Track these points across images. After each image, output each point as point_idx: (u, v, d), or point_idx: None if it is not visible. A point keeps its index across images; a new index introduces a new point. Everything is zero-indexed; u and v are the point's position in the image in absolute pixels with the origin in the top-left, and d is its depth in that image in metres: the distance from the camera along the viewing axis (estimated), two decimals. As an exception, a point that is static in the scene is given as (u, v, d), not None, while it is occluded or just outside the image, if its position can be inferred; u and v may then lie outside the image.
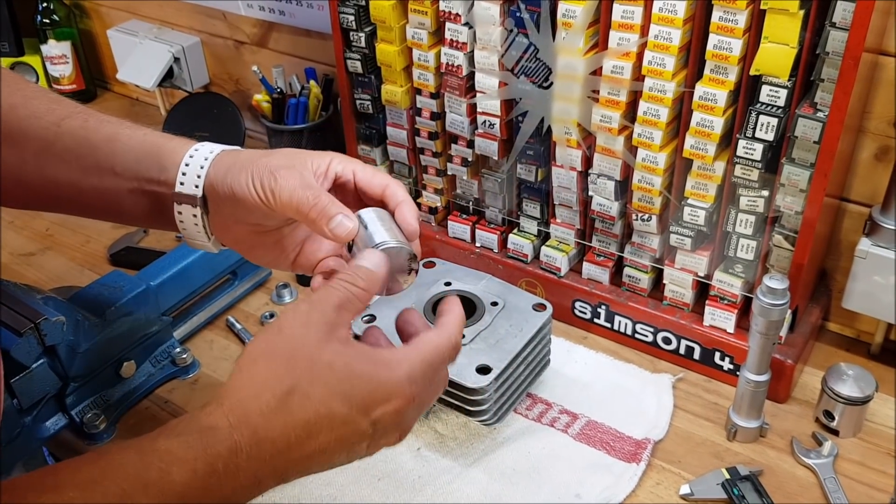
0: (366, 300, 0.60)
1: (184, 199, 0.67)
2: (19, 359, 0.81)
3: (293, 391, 0.54)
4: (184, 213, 0.68)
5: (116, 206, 0.70)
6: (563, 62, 0.90)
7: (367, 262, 0.61)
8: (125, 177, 0.68)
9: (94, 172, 0.69)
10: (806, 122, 0.81)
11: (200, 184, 0.66)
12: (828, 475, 0.84)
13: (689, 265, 0.95)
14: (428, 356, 0.60)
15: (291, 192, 0.63)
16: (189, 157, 0.67)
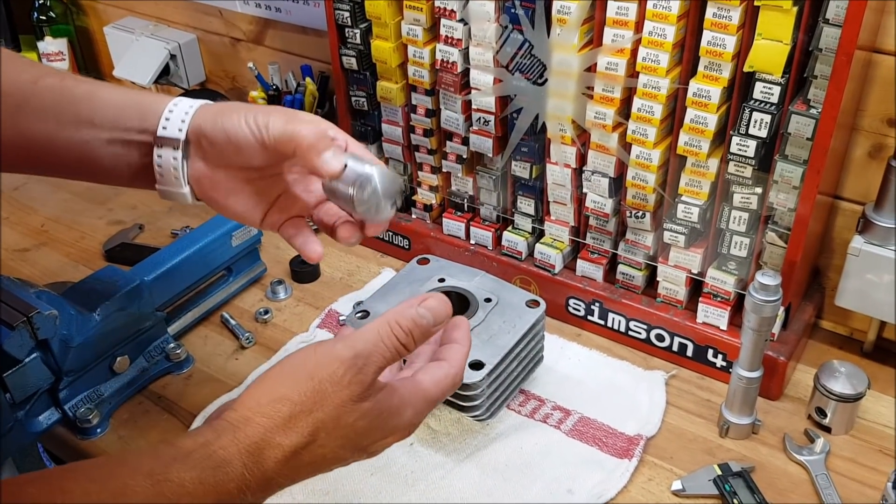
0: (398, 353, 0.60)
1: (165, 143, 0.68)
2: (12, 352, 0.81)
3: (311, 444, 0.56)
4: (163, 156, 0.68)
5: (92, 159, 0.70)
6: (557, 59, 0.90)
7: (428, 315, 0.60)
8: (104, 127, 0.69)
9: (71, 125, 0.69)
10: (799, 119, 0.81)
11: (184, 128, 0.68)
12: (819, 472, 0.84)
13: (682, 262, 0.95)
14: (432, 397, 0.62)
15: (286, 122, 0.65)
16: (173, 105, 0.69)
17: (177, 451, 0.53)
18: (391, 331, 0.58)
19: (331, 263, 1.17)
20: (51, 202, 1.34)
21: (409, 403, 0.60)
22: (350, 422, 0.56)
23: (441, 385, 0.62)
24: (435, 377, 0.62)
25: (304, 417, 0.55)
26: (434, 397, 0.62)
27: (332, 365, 0.56)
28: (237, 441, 0.54)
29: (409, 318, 0.59)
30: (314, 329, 1.05)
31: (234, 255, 1.08)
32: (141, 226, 1.26)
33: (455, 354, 0.64)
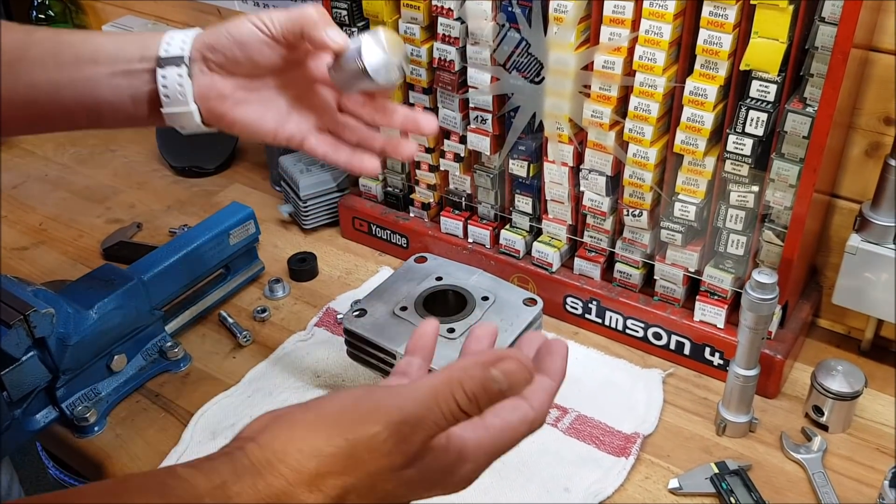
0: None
1: (169, 62, 0.68)
2: (8, 350, 0.81)
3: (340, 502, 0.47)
4: (168, 76, 0.68)
5: (95, 97, 0.70)
6: (554, 57, 0.90)
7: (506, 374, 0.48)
8: (105, 63, 0.69)
9: (70, 65, 0.69)
10: (795, 117, 0.81)
11: (187, 47, 0.68)
12: (816, 470, 0.84)
13: (679, 261, 0.95)
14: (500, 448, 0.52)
15: (288, 12, 0.67)
16: (172, 32, 0.70)
17: (188, 493, 0.46)
18: (452, 394, 0.48)
19: (328, 262, 1.17)
20: (49, 201, 1.34)
21: (469, 460, 0.51)
22: (388, 489, 0.48)
23: (515, 433, 0.52)
24: (509, 423, 0.51)
25: (333, 478, 0.47)
26: (502, 448, 0.52)
27: (374, 428, 0.47)
28: (257, 489, 0.46)
29: (477, 380, 0.48)
30: (312, 327, 1.05)
31: (232, 254, 1.08)
32: (139, 224, 1.26)
33: (540, 392, 0.53)
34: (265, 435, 0.48)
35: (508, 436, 0.52)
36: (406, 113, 0.73)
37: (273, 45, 0.68)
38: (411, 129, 0.73)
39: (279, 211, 1.25)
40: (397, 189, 1.16)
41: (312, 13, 0.67)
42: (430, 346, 0.61)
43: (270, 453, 0.47)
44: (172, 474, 0.47)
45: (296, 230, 1.24)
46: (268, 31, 0.67)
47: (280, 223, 1.26)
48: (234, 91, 0.70)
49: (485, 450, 0.51)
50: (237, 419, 0.92)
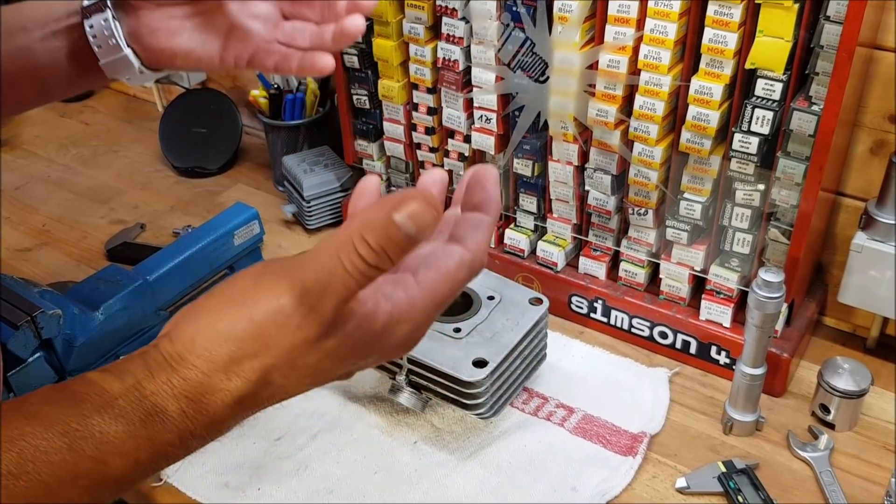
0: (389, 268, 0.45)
1: (93, 11, 0.65)
2: (16, 352, 0.81)
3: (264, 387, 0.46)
4: (95, 24, 0.65)
5: (33, 63, 0.68)
6: (559, 56, 0.90)
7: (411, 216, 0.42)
8: (35, 28, 0.67)
9: (5, 38, 0.67)
10: (801, 116, 0.81)
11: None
12: (823, 468, 0.84)
13: (685, 259, 0.95)
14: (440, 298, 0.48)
15: None
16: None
17: (100, 397, 0.44)
18: (354, 249, 0.43)
19: (333, 262, 1.17)
20: (52, 202, 1.34)
21: (404, 319, 0.47)
22: (311, 363, 0.46)
23: (453, 281, 0.48)
24: (445, 271, 0.48)
25: (248, 362, 0.45)
26: (441, 300, 0.48)
27: (277, 301, 0.45)
28: (172, 385, 0.45)
29: (379, 229, 0.42)
30: (317, 328, 1.05)
31: (236, 254, 1.08)
32: (142, 225, 1.26)
33: (473, 231, 0.49)
34: (175, 329, 0.47)
35: (445, 285, 0.48)
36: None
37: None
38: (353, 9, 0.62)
39: (283, 211, 1.25)
40: (401, 188, 1.16)
41: None
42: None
43: (181, 346, 0.46)
44: (83, 380, 0.46)
45: (299, 230, 1.24)
46: None
47: (284, 223, 1.26)
48: (165, 21, 0.65)
49: (420, 306, 0.48)
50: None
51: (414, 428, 0.90)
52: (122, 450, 0.44)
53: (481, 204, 0.50)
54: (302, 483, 0.84)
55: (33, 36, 0.67)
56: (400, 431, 0.89)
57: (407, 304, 0.47)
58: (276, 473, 0.85)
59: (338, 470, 0.86)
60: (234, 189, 1.35)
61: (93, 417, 0.44)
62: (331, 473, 0.85)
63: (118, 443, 0.44)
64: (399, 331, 0.48)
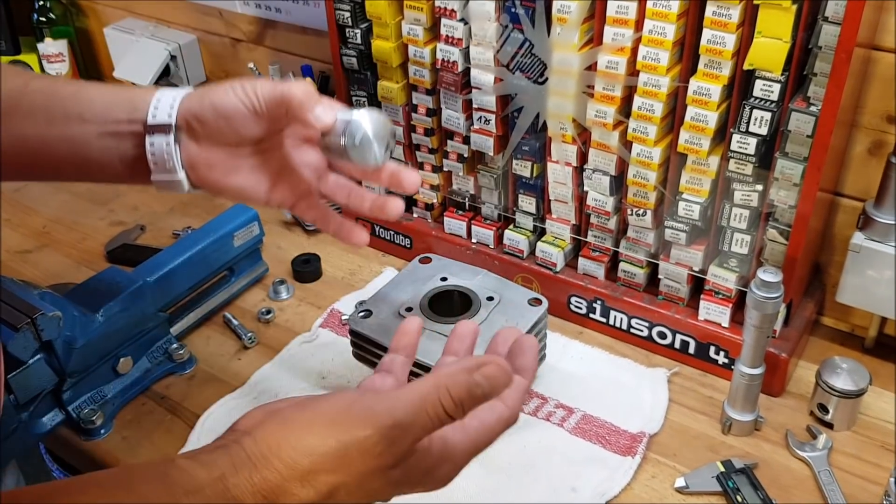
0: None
1: (156, 130, 0.67)
2: (16, 354, 0.82)
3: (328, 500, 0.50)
4: (156, 143, 0.67)
5: (84, 155, 0.69)
6: (557, 58, 0.91)
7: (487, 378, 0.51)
8: (94, 122, 0.68)
9: (61, 121, 0.68)
10: (799, 117, 0.81)
11: (174, 113, 0.67)
12: (822, 468, 0.85)
13: (683, 260, 0.95)
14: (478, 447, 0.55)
15: (274, 85, 0.65)
16: (161, 94, 0.68)
17: (189, 483, 0.49)
18: (439, 400, 0.51)
19: (332, 263, 1.17)
20: (52, 203, 1.34)
21: (449, 460, 0.54)
22: (375, 487, 0.51)
23: (492, 433, 0.55)
24: (487, 424, 0.55)
25: (324, 476, 0.49)
26: (480, 447, 0.55)
27: (366, 431, 0.50)
28: (253, 482, 0.49)
29: (462, 386, 0.51)
30: (317, 329, 1.05)
31: (236, 256, 1.08)
32: (142, 227, 1.26)
33: (514, 392, 0.56)
34: (260, 430, 0.51)
35: (486, 436, 0.55)
36: (391, 171, 0.71)
37: (258, 119, 0.67)
38: (395, 186, 0.72)
39: (282, 212, 1.25)
40: (400, 190, 1.16)
41: (298, 93, 0.65)
42: (413, 344, 0.64)
43: (266, 448, 0.50)
44: (174, 465, 0.49)
45: (299, 231, 1.25)
46: (252, 107, 0.66)
47: (283, 224, 1.26)
48: (224, 160, 0.69)
49: (464, 450, 0.55)
50: (243, 421, 0.92)
51: (414, 428, 0.90)
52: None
53: (522, 369, 0.58)
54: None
55: (90, 130, 0.69)
56: (400, 432, 0.90)
57: (455, 448, 0.54)
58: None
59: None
60: (234, 190, 1.35)
61: (182, 499, 0.48)
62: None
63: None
64: (444, 468, 0.54)
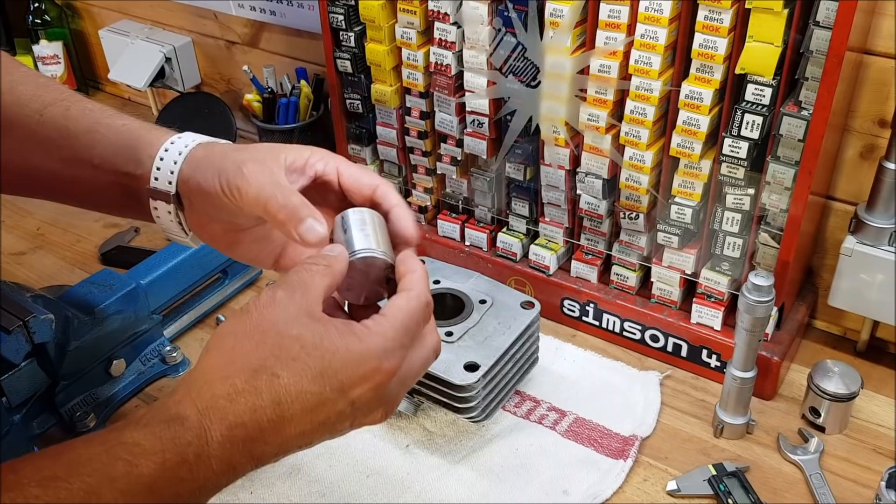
0: (332, 276, 0.57)
1: (158, 196, 0.66)
2: (8, 356, 0.81)
3: (261, 370, 0.52)
4: (159, 209, 0.66)
5: (96, 197, 0.70)
6: (550, 61, 0.91)
7: (330, 251, 0.59)
8: (103, 169, 0.68)
9: (73, 163, 0.68)
10: (790, 121, 0.81)
11: (174, 180, 0.64)
12: (814, 471, 0.85)
13: (676, 263, 0.95)
14: (399, 323, 0.56)
15: (259, 191, 0.60)
16: (164, 152, 0.65)
17: (130, 418, 0.52)
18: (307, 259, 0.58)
19: (326, 266, 1.17)
20: (46, 205, 1.33)
21: (374, 331, 0.55)
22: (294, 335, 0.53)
23: (406, 308, 0.57)
24: (395, 302, 0.57)
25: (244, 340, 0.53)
26: (404, 323, 0.56)
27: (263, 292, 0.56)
28: (189, 391, 0.52)
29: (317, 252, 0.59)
30: (310, 331, 1.05)
31: (229, 258, 1.07)
32: (136, 229, 1.26)
33: (412, 280, 0.59)
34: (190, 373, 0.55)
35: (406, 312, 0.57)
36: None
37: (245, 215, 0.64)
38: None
39: (277, 215, 1.25)
40: (394, 192, 1.16)
41: (279, 212, 0.60)
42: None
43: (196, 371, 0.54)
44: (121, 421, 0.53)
45: (293, 234, 1.24)
46: (236, 204, 0.62)
47: (277, 227, 1.26)
48: (223, 234, 0.68)
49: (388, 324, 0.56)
50: (236, 423, 0.92)
51: (406, 431, 0.90)
52: (150, 450, 0.50)
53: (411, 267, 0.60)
54: (294, 487, 0.84)
55: (101, 177, 0.68)
56: (392, 435, 0.90)
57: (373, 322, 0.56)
58: (269, 477, 0.85)
59: (330, 473, 0.86)
60: (228, 192, 1.35)
61: (124, 430, 0.51)
62: (323, 477, 0.85)
63: (147, 444, 0.50)
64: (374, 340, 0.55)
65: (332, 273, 0.57)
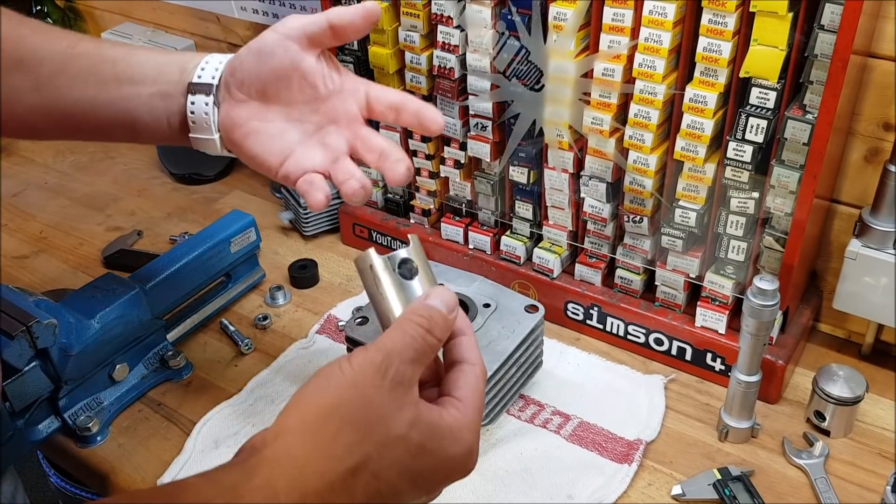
0: (437, 350, 0.56)
1: (199, 90, 0.70)
2: (11, 362, 0.81)
3: (362, 468, 0.49)
4: (196, 102, 0.70)
5: (132, 116, 0.72)
6: (554, 65, 0.91)
7: (439, 303, 0.56)
8: (145, 83, 0.71)
9: (112, 83, 0.71)
10: (795, 124, 0.81)
11: (218, 74, 0.70)
12: (819, 475, 0.85)
13: (680, 267, 0.95)
14: (478, 412, 0.56)
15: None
16: (210, 57, 0.72)
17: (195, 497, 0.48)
18: (412, 320, 0.54)
19: (329, 269, 1.17)
20: (49, 208, 1.34)
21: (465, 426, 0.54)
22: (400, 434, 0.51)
23: (477, 389, 0.57)
24: (469, 384, 0.56)
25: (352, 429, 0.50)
26: (477, 406, 0.56)
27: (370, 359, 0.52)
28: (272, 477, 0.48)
29: (423, 306, 0.56)
30: (313, 335, 1.05)
31: (233, 262, 1.08)
32: (139, 232, 1.26)
33: (467, 349, 0.58)
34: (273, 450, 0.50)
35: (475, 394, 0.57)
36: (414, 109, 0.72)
37: (290, 43, 0.69)
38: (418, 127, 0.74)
39: (279, 218, 1.25)
40: (397, 195, 1.16)
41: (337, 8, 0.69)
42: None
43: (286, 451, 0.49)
44: (184, 483, 0.49)
45: (296, 237, 1.24)
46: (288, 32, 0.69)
47: (280, 230, 1.26)
48: (248, 120, 0.71)
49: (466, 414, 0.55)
50: (240, 428, 0.92)
51: (410, 436, 0.90)
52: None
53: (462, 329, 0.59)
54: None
55: (141, 90, 0.71)
56: (396, 439, 0.89)
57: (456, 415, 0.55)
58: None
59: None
60: (231, 196, 1.35)
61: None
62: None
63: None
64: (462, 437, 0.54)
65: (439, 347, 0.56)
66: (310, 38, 0.69)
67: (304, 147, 0.71)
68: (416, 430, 0.51)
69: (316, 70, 0.70)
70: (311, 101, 0.71)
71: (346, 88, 0.72)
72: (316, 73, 0.70)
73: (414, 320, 0.54)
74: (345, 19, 0.68)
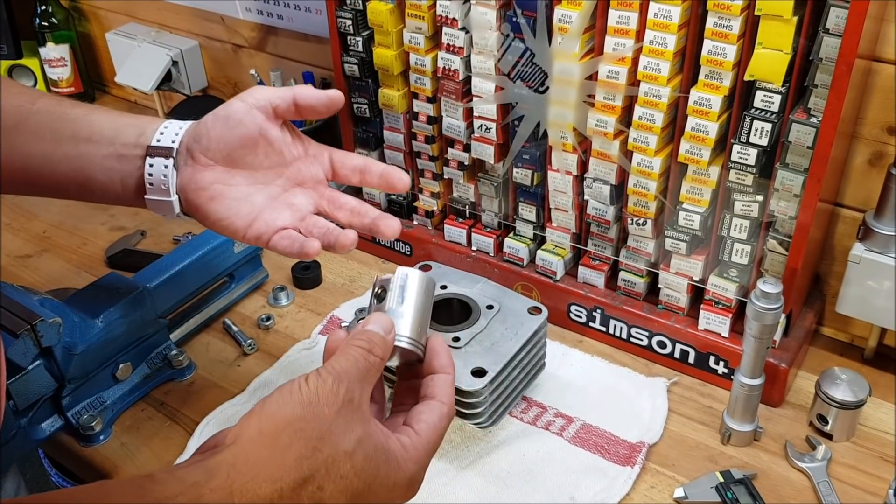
0: (381, 369, 0.59)
1: (158, 153, 0.71)
2: (15, 360, 0.82)
3: (310, 481, 0.52)
4: (155, 165, 0.71)
5: (87, 175, 0.72)
6: (558, 67, 0.91)
7: (376, 327, 0.60)
8: (101, 143, 0.72)
9: (69, 141, 0.71)
10: (799, 128, 0.81)
11: (178, 140, 0.72)
12: (821, 479, 0.85)
13: (684, 269, 0.95)
14: (432, 447, 0.59)
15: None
16: (170, 121, 0.73)
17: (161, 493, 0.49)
18: (353, 344, 0.58)
19: (332, 269, 1.17)
20: (53, 208, 1.34)
21: (410, 458, 0.57)
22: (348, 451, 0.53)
23: (438, 428, 0.60)
24: (431, 422, 0.59)
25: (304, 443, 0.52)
26: (434, 443, 0.59)
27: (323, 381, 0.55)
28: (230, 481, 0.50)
29: (361, 331, 0.59)
30: (316, 335, 1.05)
31: (237, 262, 1.08)
32: (143, 232, 1.27)
33: (441, 387, 0.61)
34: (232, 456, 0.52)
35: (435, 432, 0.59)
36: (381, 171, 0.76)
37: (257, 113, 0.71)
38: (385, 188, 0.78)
39: (283, 218, 1.25)
40: (401, 197, 1.16)
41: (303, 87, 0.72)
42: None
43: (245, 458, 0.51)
44: (150, 478, 0.50)
45: (299, 238, 1.24)
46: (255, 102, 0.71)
47: (284, 231, 1.25)
48: (212, 184, 0.72)
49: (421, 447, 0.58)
50: (242, 428, 0.92)
51: (413, 437, 0.90)
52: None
53: (443, 367, 0.62)
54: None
55: (97, 151, 0.72)
56: (399, 440, 0.90)
57: (410, 446, 0.57)
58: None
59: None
60: (235, 196, 1.35)
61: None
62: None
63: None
64: (407, 467, 0.57)
65: (382, 365, 0.59)
66: (275, 110, 0.72)
67: (270, 209, 0.74)
68: (361, 448, 0.54)
69: (281, 139, 0.74)
70: (276, 166, 0.74)
71: (310, 154, 0.76)
72: (281, 141, 0.74)
73: (355, 343, 0.58)
74: (310, 101, 0.72)
